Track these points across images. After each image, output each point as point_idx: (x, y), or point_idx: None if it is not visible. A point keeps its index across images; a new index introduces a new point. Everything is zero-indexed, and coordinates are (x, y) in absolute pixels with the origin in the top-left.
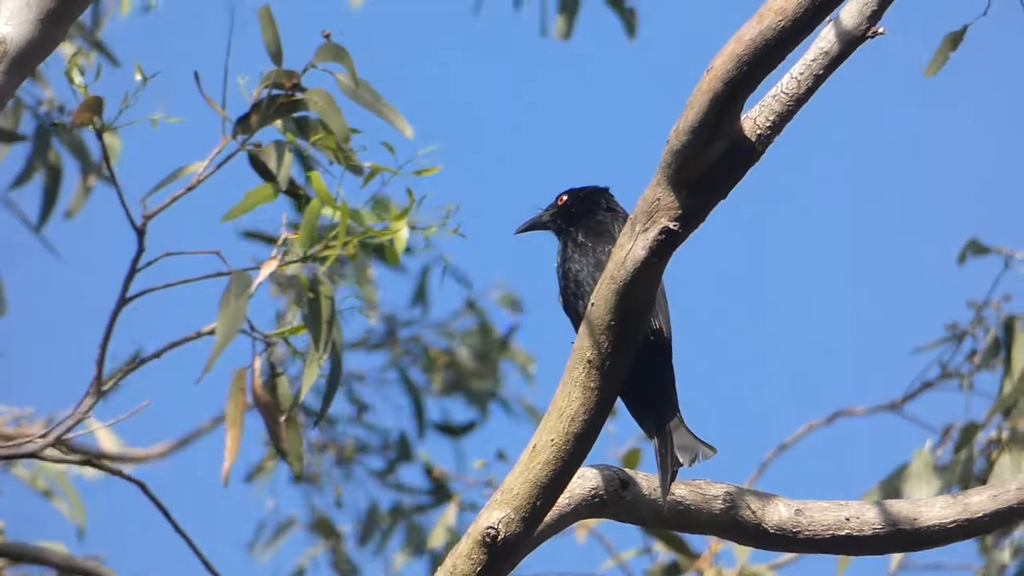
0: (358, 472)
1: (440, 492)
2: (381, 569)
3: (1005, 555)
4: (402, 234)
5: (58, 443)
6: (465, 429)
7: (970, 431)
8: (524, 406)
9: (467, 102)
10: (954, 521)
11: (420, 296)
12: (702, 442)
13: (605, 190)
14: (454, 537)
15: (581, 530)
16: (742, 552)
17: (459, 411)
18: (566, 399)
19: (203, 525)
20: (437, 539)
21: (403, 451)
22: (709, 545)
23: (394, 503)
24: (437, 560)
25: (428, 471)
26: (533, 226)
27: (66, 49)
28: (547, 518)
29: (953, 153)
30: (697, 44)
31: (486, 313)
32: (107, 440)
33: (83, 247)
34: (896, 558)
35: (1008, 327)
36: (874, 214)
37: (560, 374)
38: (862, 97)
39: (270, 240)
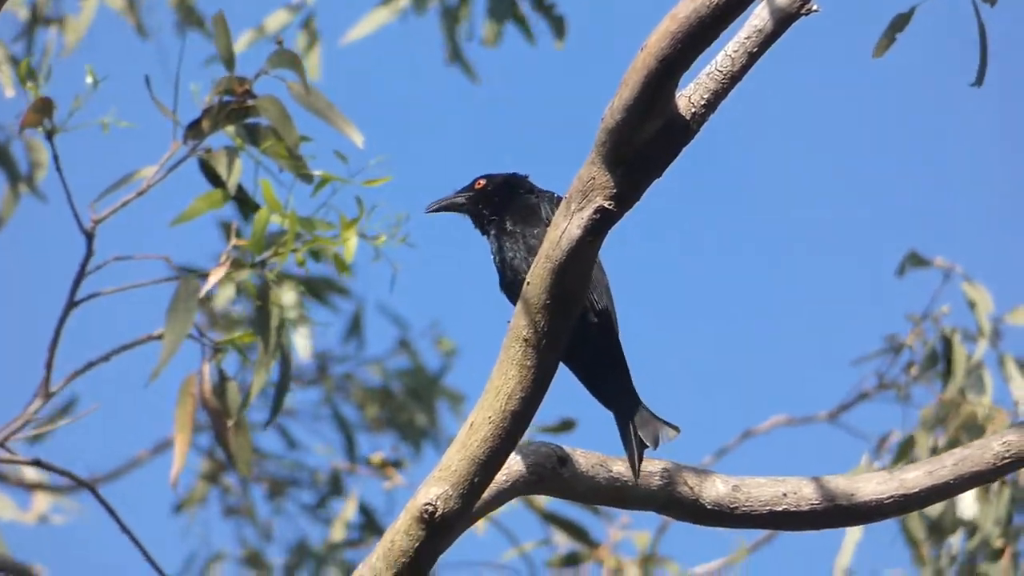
0: (288, 507)
1: (371, 527)
2: None
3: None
4: (352, 243)
5: (3, 445)
6: (395, 465)
7: (909, 443)
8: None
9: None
10: (891, 496)
11: (354, 330)
12: (665, 422)
13: (525, 177)
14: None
15: (480, 520)
16: (642, 541)
17: (391, 447)
18: (503, 377)
19: (130, 558)
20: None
21: (334, 486)
22: (609, 535)
23: (325, 538)
24: None
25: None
26: (448, 207)
27: None
28: (485, 494)
29: (896, 164)
30: (627, 30)
31: (419, 353)
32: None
33: (20, 254)
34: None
35: (946, 341)
36: (814, 223)
37: None
38: (801, 96)
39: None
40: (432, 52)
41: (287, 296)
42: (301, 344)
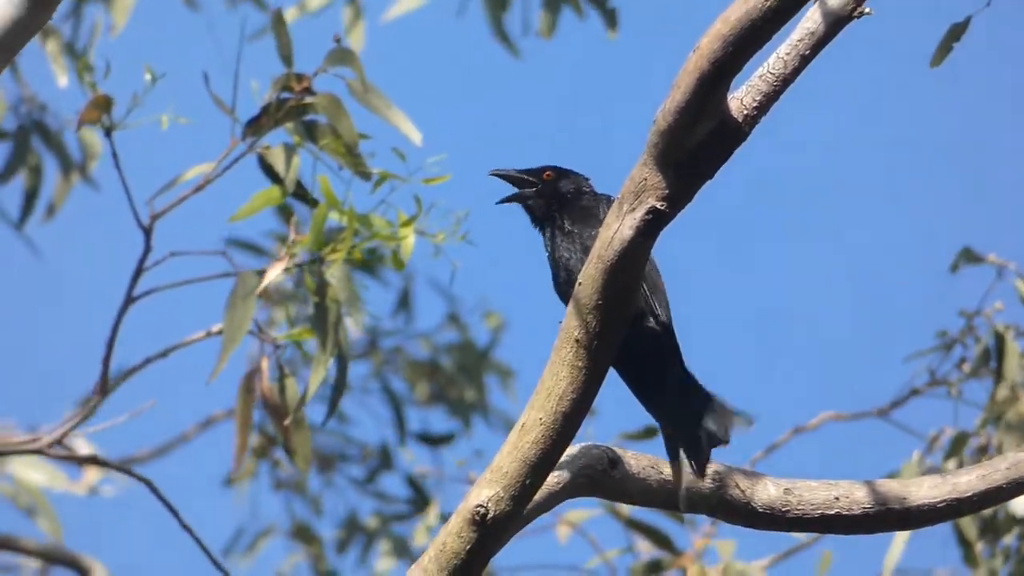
0: (338, 480)
1: (420, 501)
2: None
3: (996, 562)
4: (409, 241)
5: (60, 443)
6: (445, 439)
7: (960, 440)
8: (505, 421)
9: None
10: (943, 500)
11: (403, 305)
12: (738, 413)
13: (587, 179)
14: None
15: (564, 527)
16: (726, 549)
17: (440, 422)
18: (554, 378)
19: (177, 531)
20: (420, 540)
21: (384, 460)
22: (693, 542)
23: (375, 511)
24: None
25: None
26: (515, 200)
27: (50, 47)
28: (536, 497)
29: (949, 159)
30: (681, 31)
31: (468, 328)
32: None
33: (79, 251)
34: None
35: (999, 337)
36: (867, 219)
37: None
38: (853, 94)
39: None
40: (478, 27)
41: (338, 271)
42: (352, 320)
